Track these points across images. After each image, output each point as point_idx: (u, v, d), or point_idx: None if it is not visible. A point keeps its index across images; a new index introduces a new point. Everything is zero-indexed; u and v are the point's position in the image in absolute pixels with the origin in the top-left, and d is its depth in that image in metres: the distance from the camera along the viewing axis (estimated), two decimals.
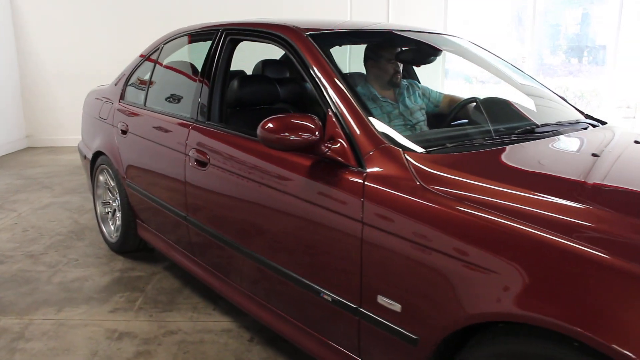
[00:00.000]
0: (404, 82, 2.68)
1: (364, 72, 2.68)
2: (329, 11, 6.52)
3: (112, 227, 3.34)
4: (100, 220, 3.43)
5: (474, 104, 2.40)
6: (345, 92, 1.77)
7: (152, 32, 7.08)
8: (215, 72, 2.36)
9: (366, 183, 1.54)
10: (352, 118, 1.69)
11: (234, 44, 2.41)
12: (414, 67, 3.08)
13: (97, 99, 3.53)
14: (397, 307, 1.45)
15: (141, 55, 3.09)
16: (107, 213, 3.42)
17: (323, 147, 1.65)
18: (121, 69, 3.34)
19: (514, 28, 6.60)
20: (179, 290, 2.78)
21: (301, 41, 1.99)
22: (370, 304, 1.54)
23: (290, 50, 2.01)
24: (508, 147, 1.72)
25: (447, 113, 2.80)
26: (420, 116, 2.66)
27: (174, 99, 2.77)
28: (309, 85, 1.91)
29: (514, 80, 2.55)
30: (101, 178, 3.37)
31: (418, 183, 1.45)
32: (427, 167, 1.51)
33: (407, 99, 2.65)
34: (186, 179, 2.33)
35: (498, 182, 1.41)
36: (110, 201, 3.35)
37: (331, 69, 1.86)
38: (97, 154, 3.31)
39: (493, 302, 1.20)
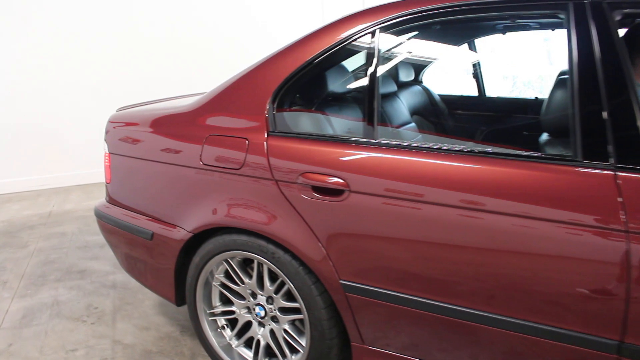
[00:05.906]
0: None
1: None
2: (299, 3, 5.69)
3: (248, 355, 1.89)
4: (219, 350, 1.92)
5: None
6: None
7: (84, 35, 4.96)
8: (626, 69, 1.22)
9: None
10: None
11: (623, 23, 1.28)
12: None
13: (155, 129, 1.96)
14: None
15: (310, 47, 1.64)
16: (222, 328, 1.95)
17: None
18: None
19: None
20: None
21: None
22: None
23: None
24: None
25: None
26: None
27: (491, 125, 1.48)
28: None
29: None
30: (216, 274, 1.87)
31: None
32: None
33: None
34: (632, 278, 1.15)
35: None
36: (236, 309, 1.89)
37: None
38: (207, 233, 1.80)
39: None
